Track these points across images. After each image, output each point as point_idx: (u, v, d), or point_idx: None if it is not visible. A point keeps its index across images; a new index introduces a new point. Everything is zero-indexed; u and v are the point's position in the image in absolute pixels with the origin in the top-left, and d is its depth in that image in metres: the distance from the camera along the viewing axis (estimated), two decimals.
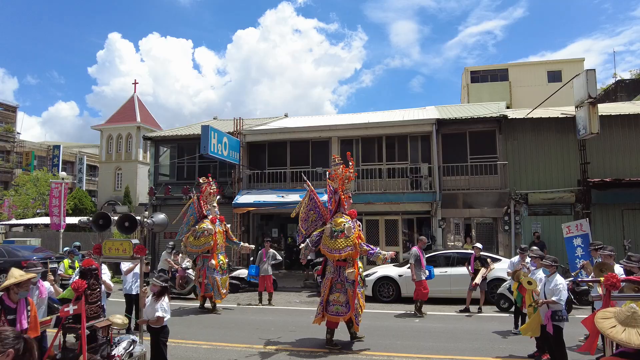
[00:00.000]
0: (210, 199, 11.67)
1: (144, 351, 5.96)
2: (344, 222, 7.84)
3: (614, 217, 15.11)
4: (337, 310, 7.76)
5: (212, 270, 10.96)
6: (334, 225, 7.85)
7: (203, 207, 11.55)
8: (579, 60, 32.96)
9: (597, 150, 15.19)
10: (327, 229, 7.88)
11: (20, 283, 4.75)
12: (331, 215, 8.18)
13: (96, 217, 6.10)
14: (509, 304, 10.37)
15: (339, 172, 8.17)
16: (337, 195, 8.18)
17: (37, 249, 16.79)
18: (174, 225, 18.56)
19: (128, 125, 34.71)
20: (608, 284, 3.50)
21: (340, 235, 7.69)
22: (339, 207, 8.18)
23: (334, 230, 7.78)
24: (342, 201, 8.15)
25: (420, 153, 17.11)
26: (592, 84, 13.42)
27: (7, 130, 37.63)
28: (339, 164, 8.23)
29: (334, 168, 8.26)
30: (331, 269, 7.96)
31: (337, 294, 7.81)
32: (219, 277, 11.05)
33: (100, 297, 5.81)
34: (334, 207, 8.22)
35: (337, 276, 7.88)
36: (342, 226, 7.76)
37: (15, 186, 31.13)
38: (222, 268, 11.26)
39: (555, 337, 6.14)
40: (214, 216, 11.57)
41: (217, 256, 11.14)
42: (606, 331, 2.39)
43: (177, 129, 22.17)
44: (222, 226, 11.71)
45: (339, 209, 8.17)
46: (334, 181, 8.25)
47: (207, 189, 11.68)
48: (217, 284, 10.96)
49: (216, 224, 11.45)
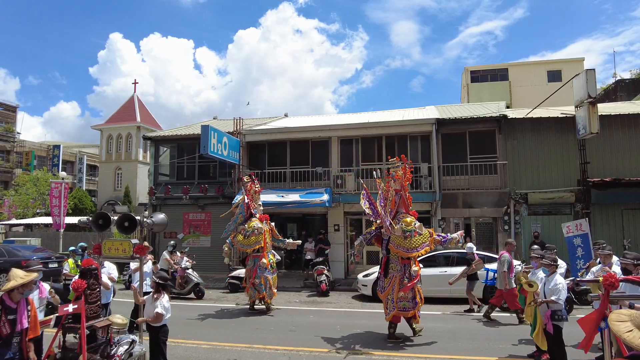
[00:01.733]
0: (256, 197, 11.61)
1: (143, 351, 5.96)
2: (413, 221, 8.22)
3: (614, 217, 15.12)
4: (405, 306, 8.11)
5: (263, 270, 10.84)
6: (404, 225, 8.14)
7: (251, 205, 11.41)
8: (578, 60, 32.93)
9: (597, 150, 15.19)
10: (398, 230, 8.12)
11: (26, 283, 4.76)
12: (392, 215, 8.39)
13: (96, 217, 6.11)
14: None
15: (400, 174, 8.46)
16: (399, 195, 8.46)
17: (37, 249, 16.77)
18: (175, 225, 18.75)
19: (128, 125, 34.70)
20: (607, 284, 3.51)
21: (413, 234, 8.03)
22: (400, 207, 8.46)
23: (405, 230, 8.06)
24: (404, 201, 8.46)
25: (420, 153, 17.11)
26: (591, 83, 13.41)
27: (7, 130, 37.64)
28: (399, 166, 8.52)
29: (394, 169, 8.54)
30: (397, 267, 8.25)
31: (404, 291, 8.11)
32: (271, 276, 10.99)
33: (99, 297, 5.81)
34: (393, 207, 8.47)
35: (404, 274, 8.17)
36: (412, 225, 8.12)
37: (15, 186, 31.15)
38: (272, 267, 11.19)
39: (554, 336, 6.15)
40: (260, 215, 11.51)
41: (267, 255, 11.09)
42: (622, 335, 2.36)
43: (177, 129, 22.17)
44: (268, 225, 11.62)
45: (399, 209, 8.45)
46: (396, 182, 8.48)
47: (252, 188, 11.57)
48: (270, 283, 10.91)
49: (263, 223, 11.38)
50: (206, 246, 18.60)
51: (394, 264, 8.30)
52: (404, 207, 8.49)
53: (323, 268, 14.01)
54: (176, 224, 18.82)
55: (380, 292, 8.49)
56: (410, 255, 8.11)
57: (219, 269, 17.29)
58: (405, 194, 8.50)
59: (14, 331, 4.72)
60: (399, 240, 8.09)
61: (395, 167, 8.55)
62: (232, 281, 14.64)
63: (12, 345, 4.75)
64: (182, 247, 16.53)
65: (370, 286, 12.54)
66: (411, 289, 8.07)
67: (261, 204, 11.82)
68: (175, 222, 18.77)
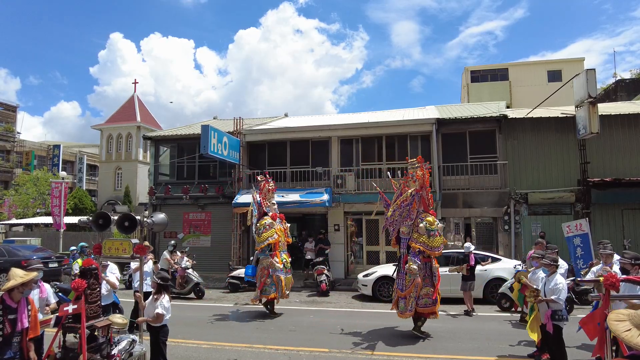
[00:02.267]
0: (269, 196, 11.38)
1: (144, 351, 5.96)
2: (435, 221, 8.43)
3: (614, 217, 15.11)
4: (426, 303, 8.39)
5: (275, 269, 10.58)
6: (428, 224, 8.32)
7: (263, 204, 11.19)
8: (579, 60, 32.94)
9: (597, 150, 15.18)
10: (422, 228, 8.27)
11: (26, 282, 4.76)
12: (417, 214, 8.55)
13: (96, 216, 6.10)
14: (510, 303, 10.37)
15: (419, 174, 8.60)
16: (418, 195, 8.60)
17: (37, 249, 16.79)
18: (175, 225, 18.74)
19: (128, 124, 34.70)
20: (607, 284, 3.50)
21: (436, 233, 8.30)
22: (420, 206, 8.63)
23: (429, 229, 8.26)
24: (425, 200, 8.63)
25: (420, 153, 17.03)
26: (592, 83, 13.41)
27: (7, 130, 37.64)
28: (418, 166, 8.66)
29: (414, 170, 8.67)
30: (419, 265, 8.40)
31: (426, 288, 8.37)
32: (284, 276, 10.73)
33: (99, 296, 5.81)
34: (414, 206, 8.61)
35: (425, 272, 8.44)
36: (435, 225, 8.36)
37: (16, 186, 31.14)
38: (285, 267, 10.88)
39: (555, 336, 6.14)
40: (274, 213, 11.23)
41: (279, 254, 10.81)
42: (621, 334, 2.36)
43: (177, 129, 22.16)
44: (283, 224, 11.33)
45: (419, 209, 8.61)
46: (416, 182, 8.63)
47: (265, 186, 11.39)
48: (282, 283, 10.61)
49: (276, 221, 11.08)
50: (206, 246, 18.60)
51: (412, 262, 8.47)
52: (424, 206, 8.65)
53: (323, 268, 14.01)
54: (176, 223, 18.81)
55: (401, 290, 8.54)
56: (432, 254, 8.36)
57: (219, 269, 17.31)
58: (425, 193, 8.67)
59: (14, 331, 4.72)
60: (423, 238, 8.31)
61: (414, 167, 8.71)
62: (232, 281, 14.65)
63: (12, 345, 4.75)
64: (182, 246, 16.53)
65: (370, 286, 12.54)
66: (432, 286, 8.39)
67: (275, 202, 11.51)
68: (176, 222, 18.77)
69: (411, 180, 8.70)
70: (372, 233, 17.07)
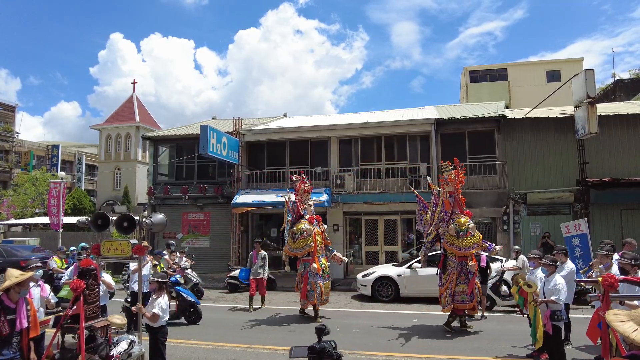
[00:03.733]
0: (305, 197, 10.68)
1: (142, 351, 5.95)
2: (467, 222, 8.67)
3: (613, 217, 15.13)
4: (463, 299, 8.79)
5: (314, 275, 9.96)
6: (458, 225, 8.66)
7: (299, 206, 10.52)
8: (578, 60, 32.98)
9: (596, 150, 15.20)
10: (452, 229, 8.66)
11: (22, 282, 4.75)
12: (448, 216, 8.89)
13: (95, 217, 6.10)
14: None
15: (452, 177, 8.89)
16: (452, 197, 8.92)
17: (35, 249, 16.79)
18: (174, 225, 18.74)
19: (127, 124, 34.63)
20: (606, 285, 3.51)
21: (466, 234, 8.57)
22: (455, 207, 8.92)
23: (459, 230, 8.62)
24: (458, 202, 8.92)
25: (419, 153, 17.12)
26: (590, 83, 13.44)
27: (6, 130, 37.58)
28: (452, 169, 8.94)
29: (446, 173, 8.96)
30: (454, 264, 8.88)
31: (462, 286, 8.78)
32: (322, 282, 10.10)
33: (98, 297, 5.81)
34: (448, 208, 8.94)
35: (461, 270, 8.83)
36: (466, 226, 8.62)
37: (14, 186, 31.10)
38: (324, 272, 10.22)
39: (554, 336, 6.15)
40: (311, 215, 10.53)
41: (318, 259, 10.11)
42: (630, 335, 2.35)
43: (176, 129, 22.15)
44: (320, 226, 10.60)
45: (455, 210, 8.90)
46: (449, 185, 8.94)
47: (301, 187, 10.71)
48: (320, 289, 10.02)
49: (314, 224, 10.38)
50: (205, 246, 18.60)
51: (451, 261, 8.94)
52: (459, 207, 8.94)
53: None
54: (175, 224, 18.80)
55: (440, 287, 9.09)
56: (463, 254, 8.60)
57: (218, 269, 17.30)
58: (458, 195, 8.93)
59: (13, 331, 4.72)
60: (452, 239, 8.65)
61: (448, 170, 8.97)
62: (231, 281, 14.64)
63: (12, 345, 4.74)
64: (182, 247, 16.52)
65: (369, 286, 12.54)
66: (466, 283, 8.68)
67: (312, 203, 10.80)
68: (175, 222, 18.76)
69: (444, 183, 9.01)
70: (371, 233, 17.07)
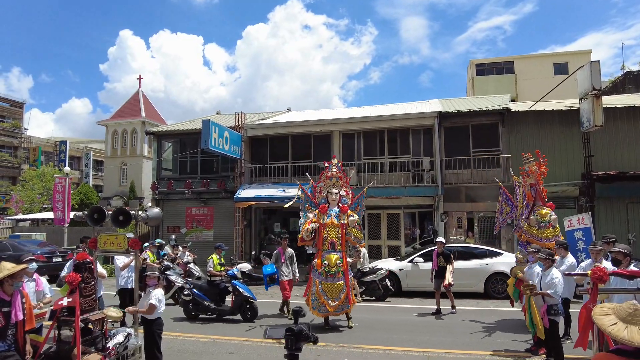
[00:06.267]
0: (328, 185, 9.40)
1: (139, 344, 6.01)
2: (548, 213, 8.55)
3: (619, 211, 14.95)
4: None
5: (315, 272, 8.92)
6: (540, 217, 8.57)
7: (317, 195, 9.48)
8: (586, 52, 32.51)
9: (602, 143, 15.00)
10: (532, 220, 8.60)
11: (14, 274, 4.79)
12: (530, 208, 8.81)
13: (91, 211, 6.14)
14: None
15: (533, 169, 8.84)
16: (534, 189, 8.85)
17: (41, 244, 16.98)
18: (178, 220, 18.86)
19: (133, 120, 34.81)
20: (595, 278, 3.46)
21: (548, 225, 8.50)
22: (537, 199, 8.85)
23: (540, 221, 8.55)
24: (540, 193, 8.85)
25: (423, 146, 17.02)
26: (596, 75, 13.22)
27: (15, 126, 37.97)
28: (532, 161, 8.91)
29: (527, 165, 8.93)
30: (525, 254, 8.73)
31: None
32: (319, 281, 8.78)
33: (95, 290, 5.86)
34: (530, 200, 8.87)
35: None
36: (548, 217, 8.54)
37: (23, 181, 31.45)
38: (327, 271, 8.77)
39: (550, 331, 6.11)
40: (323, 205, 9.22)
41: (322, 255, 8.93)
42: (607, 328, 2.33)
43: (180, 124, 22.23)
44: (341, 218, 9.06)
45: (537, 202, 8.83)
46: (530, 177, 8.90)
47: (322, 175, 9.56)
48: (317, 288, 8.75)
49: (325, 215, 9.08)
50: (209, 240, 18.66)
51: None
52: (540, 199, 8.88)
53: None
54: (179, 218, 18.92)
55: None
56: (543, 245, 8.28)
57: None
58: (539, 187, 8.87)
59: (8, 323, 4.75)
60: (532, 229, 8.59)
61: (529, 162, 8.92)
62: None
63: (7, 338, 4.78)
64: (185, 241, 16.62)
65: None
66: None
67: (336, 191, 9.29)
68: (178, 216, 18.88)
69: (525, 175, 8.95)
70: (374, 228, 17.03)
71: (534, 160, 8.95)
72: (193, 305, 9.59)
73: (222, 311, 9.53)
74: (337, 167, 9.50)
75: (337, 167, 9.52)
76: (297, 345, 2.99)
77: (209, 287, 9.81)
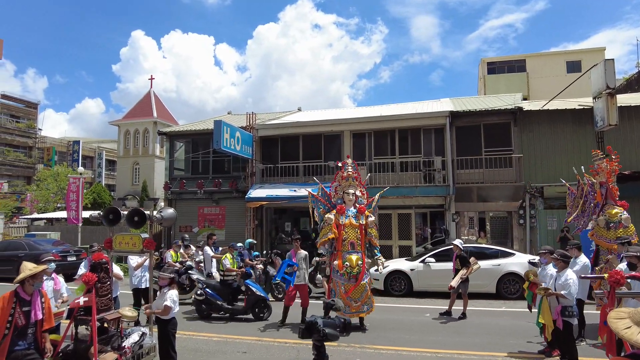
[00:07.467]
0: (344, 185, 9.19)
1: (154, 343, 6.09)
2: (619, 212, 8.25)
3: (633, 211, 14.51)
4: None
5: (336, 273, 8.70)
6: (609, 216, 8.28)
7: (334, 194, 9.31)
8: (599, 49, 32.02)
9: (616, 142, 14.71)
10: (601, 221, 8.28)
11: (35, 275, 4.89)
12: (599, 208, 8.55)
13: (106, 211, 6.23)
14: None
15: (603, 166, 8.53)
16: (604, 187, 8.54)
17: (56, 242, 17.24)
18: (190, 219, 19.02)
19: (145, 120, 35.18)
20: (612, 281, 3.43)
21: (619, 225, 8.11)
22: (607, 199, 8.51)
23: (609, 222, 8.21)
24: (611, 192, 8.49)
25: (434, 146, 16.95)
26: (610, 74, 13.07)
27: (29, 127, 38.56)
28: (602, 158, 8.63)
29: (597, 162, 8.64)
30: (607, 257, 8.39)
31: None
32: (346, 283, 8.58)
33: (110, 290, 5.95)
34: (601, 199, 8.56)
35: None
36: (618, 217, 8.16)
37: (37, 181, 31.94)
38: (349, 272, 8.53)
39: (565, 332, 6.05)
40: (340, 205, 9.01)
41: (342, 256, 8.69)
42: (620, 332, 2.33)
43: (192, 124, 22.41)
44: (361, 219, 8.85)
45: (608, 201, 8.50)
46: (600, 175, 8.62)
47: (338, 174, 9.43)
48: (340, 290, 8.59)
49: (344, 215, 8.83)
50: (221, 240, 18.79)
51: (603, 255, 8.51)
52: (612, 198, 8.54)
53: None
54: (191, 217, 19.08)
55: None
56: (611, 247, 8.05)
57: None
58: (610, 185, 8.54)
59: (28, 322, 4.85)
60: (601, 231, 8.28)
61: (598, 159, 8.67)
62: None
63: (27, 336, 4.88)
64: (197, 240, 16.74)
65: (382, 280, 12.50)
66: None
67: (350, 192, 9.06)
68: (190, 216, 19.04)
69: (594, 173, 8.71)
70: (384, 227, 17.01)
71: (604, 156, 8.61)
72: (206, 305, 9.68)
73: (235, 310, 9.60)
74: (352, 166, 9.31)
75: (353, 166, 9.34)
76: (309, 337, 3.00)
77: (221, 286, 9.88)
